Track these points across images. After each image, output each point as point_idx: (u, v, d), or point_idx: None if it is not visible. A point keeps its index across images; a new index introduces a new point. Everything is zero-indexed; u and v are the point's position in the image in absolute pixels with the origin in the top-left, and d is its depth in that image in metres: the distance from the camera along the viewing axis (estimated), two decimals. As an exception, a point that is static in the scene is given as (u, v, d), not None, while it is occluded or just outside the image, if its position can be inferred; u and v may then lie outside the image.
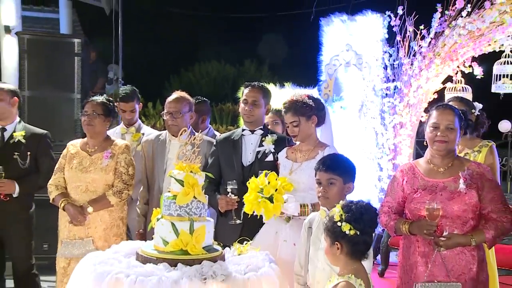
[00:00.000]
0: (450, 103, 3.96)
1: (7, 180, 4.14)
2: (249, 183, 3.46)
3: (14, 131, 4.33)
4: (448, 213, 3.05)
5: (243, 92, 4.10)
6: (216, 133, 5.27)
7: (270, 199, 3.36)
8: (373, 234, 2.75)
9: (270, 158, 3.91)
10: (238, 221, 3.72)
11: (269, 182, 3.39)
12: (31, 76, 6.35)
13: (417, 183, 3.21)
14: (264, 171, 3.47)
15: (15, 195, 4.20)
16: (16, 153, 4.26)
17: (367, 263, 2.73)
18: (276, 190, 3.38)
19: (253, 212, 3.45)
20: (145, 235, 4.15)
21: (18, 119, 4.44)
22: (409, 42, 6.59)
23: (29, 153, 4.29)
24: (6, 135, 4.33)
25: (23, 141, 4.29)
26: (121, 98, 5.18)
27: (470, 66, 6.43)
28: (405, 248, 3.27)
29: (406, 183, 3.25)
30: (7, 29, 7.79)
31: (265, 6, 17.55)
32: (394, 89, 6.77)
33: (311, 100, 3.71)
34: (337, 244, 2.64)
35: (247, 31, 18.86)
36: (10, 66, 7.72)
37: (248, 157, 3.99)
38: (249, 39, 19.12)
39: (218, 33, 19.69)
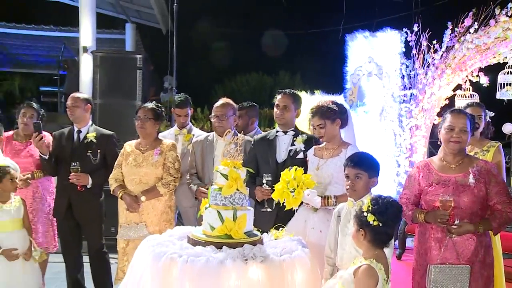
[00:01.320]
0: (469, 108, 3.92)
1: (82, 174, 4.19)
2: (282, 174, 3.43)
3: (87, 133, 4.37)
4: (459, 204, 3.01)
5: (276, 98, 4.07)
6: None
7: (293, 192, 3.33)
8: (396, 227, 2.71)
9: (300, 155, 3.88)
10: (269, 209, 3.70)
11: (294, 178, 3.35)
12: (102, 87, 6.49)
13: (431, 178, 3.17)
14: (294, 166, 3.44)
15: (88, 186, 4.25)
16: (89, 151, 4.31)
17: (388, 250, 2.70)
18: (298, 186, 3.35)
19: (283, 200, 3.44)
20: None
21: (90, 122, 4.49)
22: (424, 55, 6.52)
23: (99, 151, 4.34)
24: (81, 136, 4.38)
25: (94, 141, 4.33)
26: (177, 104, 5.21)
27: (477, 75, 6.35)
28: (420, 234, 3.23)
29: (422, 178, 3.21)
30: (85, 49, 8.00)
31: (298, 24, 17.51)
32: (411, 96, 6.70)
33: (335, 105, 3.67)
34: (361, 231, 2.64)
35: (283, 46, 18.82)
36: (86, 79, 7.90)
37: (281, 155, 3.97)
38: (284, 53, 19.08)
39: (256, 48, 19.73)
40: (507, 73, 6.19)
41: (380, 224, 2.57)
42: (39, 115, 4.71)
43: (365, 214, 2.61)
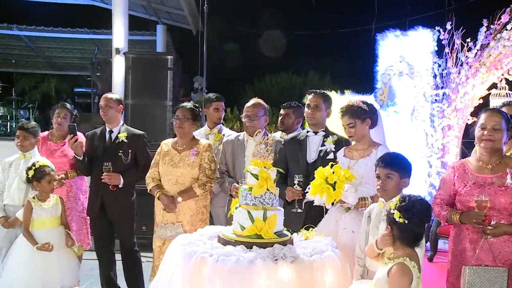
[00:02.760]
0: (504, 107, 3.83)
1: (114, 173, 4.22)
2: (316, 171, 3.39)
3: (119, 133, 4.40)
4: (495, 205, 2.94)
5: (307, 98, 4.04)
6: None
7: (333, 186, 3.30)
8: (424, 227, 2.66)
9: (330, 156, 3.84)
10: (299, 210, 3.66)
11: (333, 172, 3.32)
12: (133, 87, 6.55)
13: (467, 178, 3.11)
14: (330, 163, 3.41)
15: (120, 186, 4.28)
16: (120, 151, 4.33)
17: (419, 251, 2.66)
18: (339, 178, 3.31)
19: (313, 202, 3.40)
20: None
21: (122, 122, 4.53)
22: (457, 53, 6.42)
23: (130, 150, 4.35)
24: (113, 136, 4.41)
25: (126, 140, 4.35)
26: (216, 97, 5.28)
27: (513, 74, 6.18)
28: (455, 235, 3.17)
29: (457, 178, 3.15)
30: (117, 51, 8.12)
31: (327, 24, 17.40)
32: (443, 95, 6.61)
33: (365, 105, 3.63)
34: (389, 227, 2.63)
35: (311, 46, 18.74)
36: (118, 80, 8.01)
37: (312, 155, 3.93)
38: (313, 53, 18.99)
39: (286, 48, 19.68)
40: (545, 71, 6.03)
41: (406, 221, 2.54)
42: (73, 115, 4.79)
43: (392, 211, 2.60)
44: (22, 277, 3.82)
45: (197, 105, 4.38)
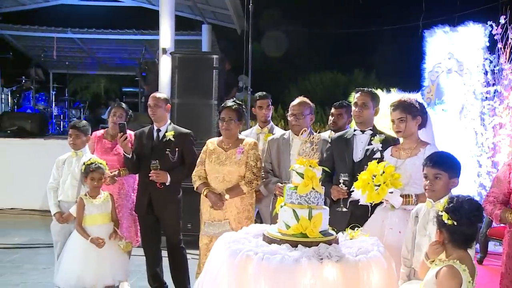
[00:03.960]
0: None
1: (161, 171, 4.29)
2: (370, 163, 3.35)
3: (166, 131, 4.46)
4: None
5: (354, 96, 3.99)
6: None
7: (377, 187, 3.25)
8: (476, 227, 2.57)
9: (377, 155, 3.78)
10: (344, 209, 3.64)
11: (383, 172, 3.26)
12: (180, 87, 6.61)
13: None
14: (386, 161, 3.35)
15: (167, 184, 4.34)
16: (167, 149, 4.39)
17: (469, 251, 2.58)
18: (385, 182, 3.25)
19: (359, 201, 3.36)
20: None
21: (169, 121, 4.59)
22: (510, 49, 6.16)
23: (177, 149, 4.41)
24: (161, 134, 4.47)
25: (173, 139, 4.41)
26: (260, 96, 5.32)
27: None
28: (510, 236, 3.08)
29: None
30: (164, 51, 8.23)
31: (372, 21, 17.12)
32: (494, 93, 6.37)
33: (417, 103, 3.58)
34: (439, 231, 2.57)
35: (356, 44, 18.48)
36: (165, 79, 8.12)
37: (358, 154, 3.88)
38: (357, 51, 18.74)
39: (330, 46, 19.49)
40: None
41: (455, 223, 2.47)
42: (128, 115, 4.92)
43: (440, 213, 2.54)
44: (76, 270, 3.98)
45: (241, 103, 4.40)
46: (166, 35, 8.43)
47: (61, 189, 4.41)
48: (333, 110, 4.97)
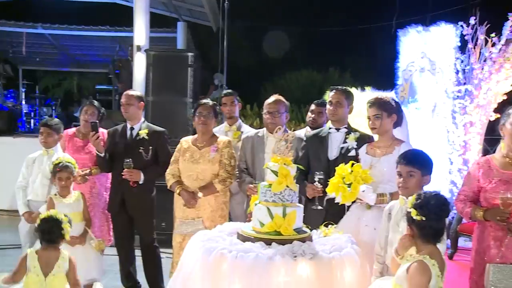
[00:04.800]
0: None
1: (135, 170, 4.26)
2: (337, 168, 3.39)
3: (140, 130, 4.43)
4: None
5: (329, 95, 4.02)
6: None
7: (349, 186, 3.28)
8: (443, 222, 2.62)
9: (352, 153, 3.81)
10: (319, 207, 3.66)
11: (351, 171, 3.30)
12: (154, 84, 6.58)
13: (492, 174, 3.06)
14: (351, 162, 3.39)
15: (141, 182, 4.31)
16: (141, 148, 4.36)
17: (441, 246, 2.63)
18: (355, 180, 3.29)
19: (334, 199, 3.39)
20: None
21: (143, 119, 4.56)
22: (480, 49, 6.29)
23: (150, 147, 4.39)
24: (134, 133, 4.44)
25: (146, 137, 4.38)
26: (224, 93, 5.40)
27: (539, 69, 6.04)
28: (479, 233, 3.13)
29: (482, 175, 3.11)
30: (138, 48, 8.16)
31: (347, 20, 17.28)
32: (465, 92, 6.48)
33: (393, 101, 3.63)
34: (409, 228, 2.62)
35: (332, 43, 18.61)
36: (139, 77, 8.04)
37: (333, 152, 3.91)
38: (333, 50, 18.87)
39: (306, 45, 19.58)
40: None
41: (423, 219, 2.52)
42: (100, 113, 4.86)
43: (409, 210, 2.58)
44: None
45: (215, 102, 4.41)
46: (140, 32, 8.35)
47: (31, 188, 4.33)
48: (313, 107, 5.00)
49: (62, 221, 3.23)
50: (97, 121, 4.51)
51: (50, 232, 3.19)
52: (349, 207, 3.57)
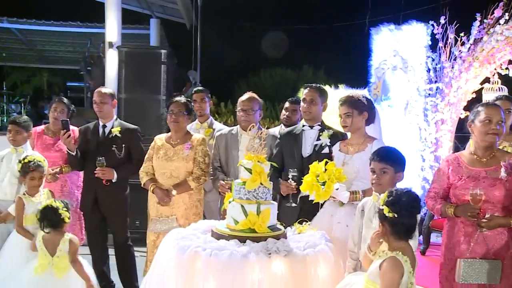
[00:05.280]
0: (499, 101, 3.85)
1: (107, 168, 4.21)
2: (311, 166, 3.40)
3: (112, 127, 4.39)
4: (489, 198, 2.95)
5: (303, 92, 4.05)
6: None
7: (323, 185, 3.31)
8: (415, 218, 2.66)
9: (326, 150, 3.85)
10: (293, 204, 3.67)
11: (325, 170, 3.33)
12: (127, 82, 6.50)
13: (461, 171, 3.11)
14: (325, 160, 3.42)
15: (114, 180, 4.27)
16: (113, 146, 4.32)
17: (412, 242, 2.67)
18: (329, 178, 3.32)
19: (308, 196, 3.42)
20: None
21: (115, 117, 4.51)
22: (450, 48, 6.42)
23: (123, 145, 4.35)
24: (106, 130, 4.40)
25: (119, 135, 4.34)
26: (195, 90, 5.39)
27: (506, 68, 6.23)
28: (449, 228, 3.17)
29: (452, 172, 3.15)
30: (110, 44, 8.06)
31: (321, 18, 17.42)
32: (436, 90, 6.63)
33: (364, 99, 3.66)
34: (381, 225, 2.64)
35: (306, 41, 18.73)
36: (111, 74, 7.96)
37: (307, 149, 3.94)
38: (307, 47, 19.00)
39: (280, 42, 19.64)
40: (538, 66, 6.08)
41: (396, 215, 2.55)
42: (70, 110, 4.78)
43: (381, 207, 2.61)
44: (17, 271, 3.80)
45: (189, 99, 4.39)
46: (112, 29, 8.25)
47: (-1, 187, 4.23)
48: (287, 105, 5.02)
49: (58, 208, 3.60)
50: (68, 119, 4.44)
51: (49, 219, 3.60)
52: (322, 204, 3.59)
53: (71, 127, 4.34)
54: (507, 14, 5.86)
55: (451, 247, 3.11)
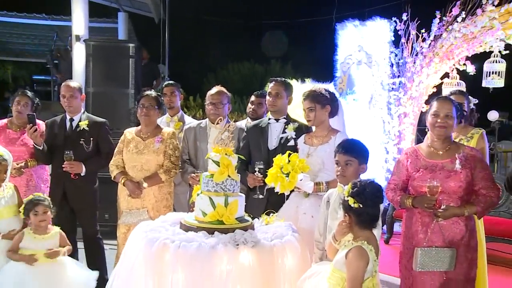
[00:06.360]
0: (453, 95, 3.93)
1: (75, 162, 4.17)
2: (275, 159, 3.44)
3: (80, 121, 4.34)
4: (445, 189, 3.03)
5: (269, 86, 4.07)
6: None
7: (287, 176, 3.35)
8: (379, 207, 2.72)
9: (291, 143, 3.89)
10: (260, 196, 3.71)
11: (289, 161, 3.36)
12: (95, 75, 6.42)
13: (419, 163, 3.18)
14: (288, 151, 3.45)
15: (82, 174, 4.23)
16: (81, 139, 4.28)
17: (376, 232, 2.72)
18: (293, 169, 3.36)
19: (274, 188, 3.45)
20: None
21: (83, 110, 4.46)
22: (412, 44, 6.52)
23: (92, 138, 4.31)
24: (74, 124, 4.34)
25: (87, 129, 4.30)
26: (165, 84, 5.38)
27: (464, 64, 6.36)
28: (407, 219, 3.24)
29: (410, 164, 3.21)
30: (77, 38, 7.92)
31: (289, 13, 17.48)
32: (399, 84, 6.71)
33: (327, 92, 3.70)
34: (347, 216, 2.68)
35: (274, 35, 18.75)
36: (78, 68, 7.83)
37: (273, 142, 3.97)
38: (275, 42, 19.02)
39: (249, 37, 19.63)
40: (493, 62, 6.25)
41: (361, 206, 2.60)
42: (34, 103, 4.65)
43: (346, 198, 2.65)
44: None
45: (159, 93, 4.37)
46: (79, 22, 8.10)
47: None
48: (253, 98, 5.04)
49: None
50: (34, 113, 4.34)
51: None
52: (288, 196, 3.63)
53: (37, 120, 4.25)
54: (464, 12, 5.99)
55: (410, 237, 3.18)
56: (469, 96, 4.30)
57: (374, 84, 6.82)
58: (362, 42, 6.98)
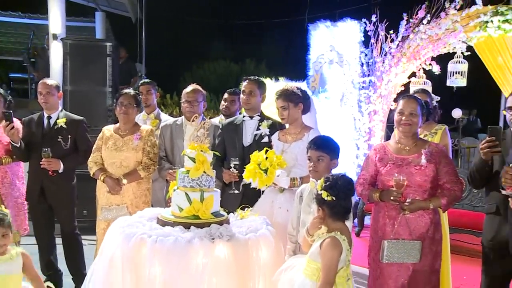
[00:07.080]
0: (416, 94, 3.98)
1: (53, 159, 4.12)
2: (252, 156, 3.44)
3: (58, 118, 4.28)
4: (411, 183, 3.06)
5: (242, 85, 4.07)
6: None
7: (265, 172, 3.36)
8: (350, 200, 2.76)
9: (265, 139, 3.89)
10: (236, 191, 3.71)
11: (267, 158, 3.37)
12: (72, 74, 6.36)
13: (387, 159, 3.21)
14: (265, 148, 3.46)
15: (60, 171, 4.18)
16: (59, 137, 4.23)
17: (348, 223, 2.76)
18: (271, 165, 3.37)
19: (250, 184, 3.45)
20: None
21: (60, 108, 4.40)
22: (381, 44, 6.60)
23: (69, 136, 4.26)
24: (51, 122, 4.29)
25: (65, 126, 4.25)
26: (141, 83, 5.36)
27: (430, 64, 6.49)
28: (375, 212, 3.27)
29: (378, 159, 3.24)
30: (54, 36, 7.78)
31: (263, 14, 17.48)
32: (369, 83, 6.78)
33: (299, 91, 3.69)
34: (320, 209, 2.70)
35: (248, 35, 18.75)
36: (56, 66, 7.70)
37: (247, 139, 3.97)
38: (250, 42, 19.02)
39: (224, 37, 19.57)
40: (456, 62, 6.40)
41: (334, 198, 2.64)
42: (6, 101, 4.54)
43: (319, 192, 2.68)
44: None
45: (137, 92, 4.34)
46: (56, 20, 7.95)
47: None
48: (226, 96, 5.03)
49: None
50: (11, 111, 4.25)
51: None
52: (263, 191, 3.64)
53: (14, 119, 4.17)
54: (429, 15, 6.10)
55: (377, 230, 3.21)
56: (432, 94, 4.38)
57: (345, 83, 6.88)
58: (334, 42, 7.03)
